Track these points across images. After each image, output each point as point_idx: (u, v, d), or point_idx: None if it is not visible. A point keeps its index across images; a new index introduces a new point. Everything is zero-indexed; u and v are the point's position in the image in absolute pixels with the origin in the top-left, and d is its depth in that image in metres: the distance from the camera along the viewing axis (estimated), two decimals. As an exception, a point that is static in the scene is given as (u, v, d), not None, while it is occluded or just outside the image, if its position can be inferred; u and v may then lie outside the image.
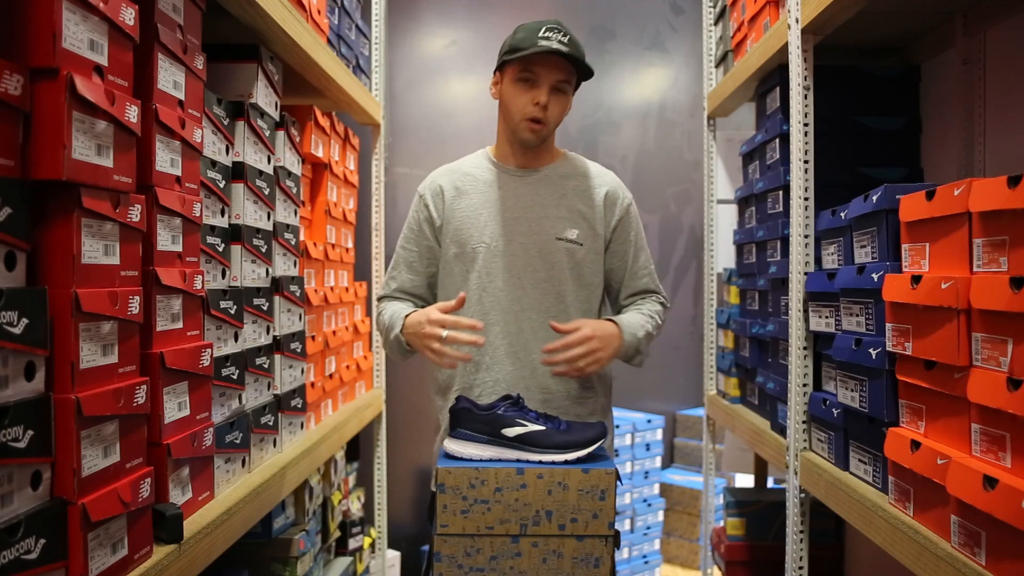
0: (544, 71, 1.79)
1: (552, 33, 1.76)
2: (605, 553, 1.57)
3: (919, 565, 1.30)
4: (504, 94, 1.85)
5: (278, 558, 2.15)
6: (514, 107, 1.83)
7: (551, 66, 1.78)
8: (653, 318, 1.91)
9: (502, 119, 1.91)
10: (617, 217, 1.93)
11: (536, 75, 1.79)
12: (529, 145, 1.87)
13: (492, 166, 1.95)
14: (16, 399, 0.94)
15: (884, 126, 2.21)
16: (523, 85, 1.81)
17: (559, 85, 1.81)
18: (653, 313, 1.92)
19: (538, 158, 1.93)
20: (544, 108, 1.80)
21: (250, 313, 1.71)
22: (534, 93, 1.80)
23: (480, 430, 1.63)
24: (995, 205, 1.14)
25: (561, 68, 1.79)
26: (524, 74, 1.80)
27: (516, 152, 1.92)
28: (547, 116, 1.81)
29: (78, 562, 1.03)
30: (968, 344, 1.20)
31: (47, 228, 1.04)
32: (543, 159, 1.94)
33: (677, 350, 4.01)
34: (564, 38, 1.77)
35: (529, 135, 1.84)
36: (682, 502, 3.90)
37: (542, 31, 1.76)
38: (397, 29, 3.87)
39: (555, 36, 1.76)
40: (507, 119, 1.87)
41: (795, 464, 1.90)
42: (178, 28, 1.37)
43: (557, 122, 1.86)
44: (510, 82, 1.83)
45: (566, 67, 1.79)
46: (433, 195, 1.95)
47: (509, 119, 1.86)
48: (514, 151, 1.92)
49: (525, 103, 1.81)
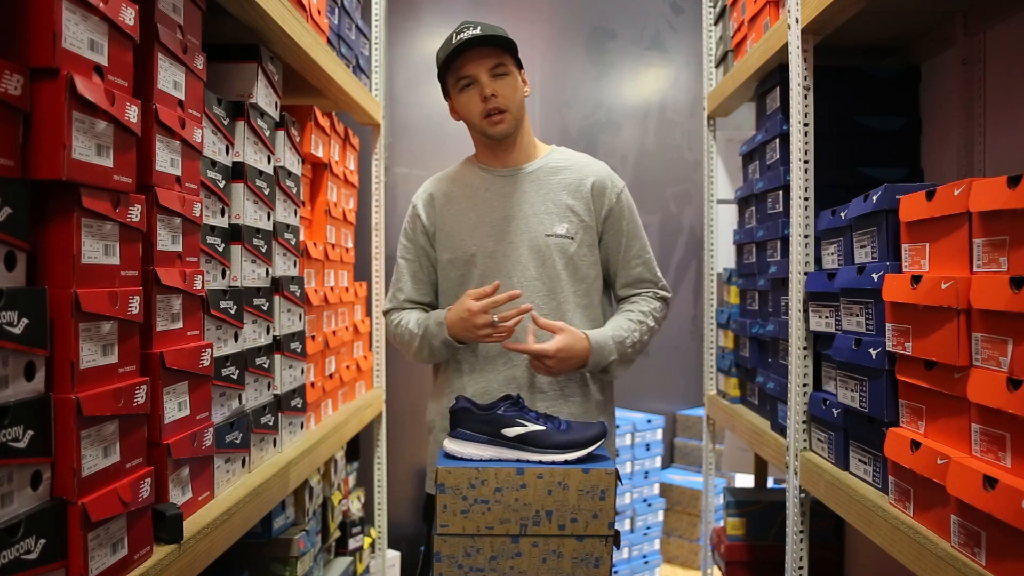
0: (475, 67, 1.81)
1: (463, 32, 1.80)
2: (605, 553, 1.57)
3: (919, 565, 1.30)
4: (458, 109, 1.89)
5: (278, 558, 2.15)
6: (469, 113, 1.86)
7: (478, 59, 1.81)
8: (644, 323, 1.88)
9: (471, 131, 1.94)
10: (607, 207, 1.92)
11: (471, 74, 1.82)
12: (501, 137, 1.87)
13: (478, 170, 1.96)
14: (16, 399, 0.94)
15: (884, 126, 2.21)
16: (467, 91, 1.84)
17: (496, 70, 1.82)
18: (646, 316, 1.90)
19: (521, 154, 1.93)
20: (493, 96, 1.81)
21: (250, 313, 1.71)
22: (478, 90, 1.82)
23: (480, 430, 1.63)
24: (995, 205, 1.14)
25: (488, 55, 1.81)
26: (462, 81, 1.83)
27: (497, 153, 1.93)
28: (501, 102, 1.82)
29: (78, 562, 1.03)
30: (968, 344, 1.20)
31: (47, 228, 1.04)
32: (527, 155, 1.94)
33: (677, 350, 4.01)
34: (475, 29, 1.80)
35: (495, 128, 1.85)
36: (682, 502, 3.90)
37: (454, 37, 1.81)
38: (397, 29, 3.87)
39: (466, 32, 1.80)
40: (472, 127, 1.91)
41: (795, 464, 1.90)
42: (178, 28, 1.37)
43: (517, 104, 1.86)
44: (456, 95, 1.87)
45: (493, 52, 1.82)
46: (425, 204, 1.96)
47: (473, 126, 1.90)
48: (495, 153, 1.93)
49: (476, 104, 1.84)
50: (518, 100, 1.86)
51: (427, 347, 1.85)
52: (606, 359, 1.81)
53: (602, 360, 1.81)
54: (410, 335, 1.88)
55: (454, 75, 1.84)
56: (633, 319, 1.88)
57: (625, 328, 1.85)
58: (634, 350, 1.86)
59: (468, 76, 1.82)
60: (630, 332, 1.85)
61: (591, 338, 1.80)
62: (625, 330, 1.85)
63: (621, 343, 1.83)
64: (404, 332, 1.90)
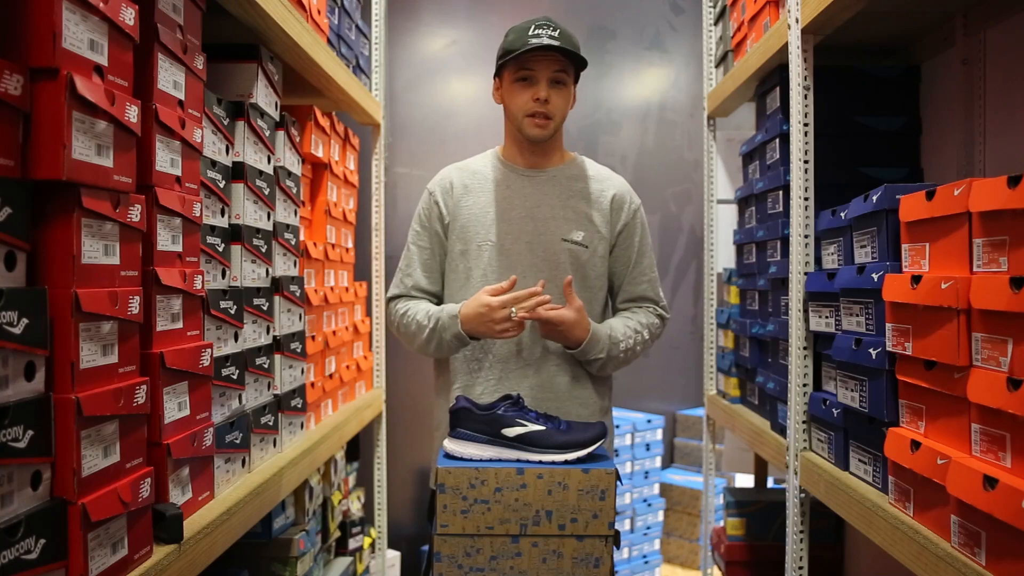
0: (539, 67, 1.82)
1: (542, 30, 1.80)
2: (605, 553, 1.57)
3: (919, 565, 1.30)
4: (505, 96, 1.89)
5: (278, 558, 2.15)
6: (515, 106, 1.85)
7: (545, 61, 1.81)
8: (640, 333, 1.90)
9: (507, 121, 1.93)
10: (623, 221, 1.94)
11: (532, 72, 1.82)
12: (537, 141, 1.88)
13: (501, 165, 1.95)
14: (16, 399, 0.94)
15: (884, 126, 2.21)
16: (521, 84, 1.84)
17: (556, 77, 1.83)
18: (643, 328, 1.91)
19: (546, 158, 1.94)
20: (545, 102, 1.82)
21: (250, 313, 1.71)
22: (533, 90, 1.83)
23: (480, 430, 1.63)
24: (995, 205, 1.14)
25: (555, 61, 1.82)
26: (521, 73, 1.83)
27: (524, 152, 1.93)
28: (550, 109, 1.83)
29: (78, 562, 1.03)
30: (968, 344, 1.20)
31: (47, 228, 1.04)
32: (552, 160, 1.95)
33: (677, 350, 4.01)
34: (554, 32, 1.80)
35: (535, 130, 1.85)
36: (682, 502, 3.90)
37: (532, 29, 1.80)
38: (397, 29, 3.87)
39: (545, 32, 1.79)
40: (511, 119, 1.89)
41: (795, 464, 1.90)
42: (178, 28, 1.37)
43: (562, 115, 1.87)
44: (509, 84, 1.86)
45: (560, 60, 1.82)
46: (443, 192, 1.96)
47: (513, 119, 1.88)
48: (522, 151, 1.93)
49: (525, 100, 1.84)
50: (565, 111, 1.88)
51: (436, 340, 1.84)
52: (595, 352, 1.83)
53: (591, 351, 1.83)
54: (417, 326, 1.87)
55: (517, 64, 1.83)
56: (631, 326, 1.90)
57: (622, 332, 1.88)
58: (624, 356, 1.88)
59: (529, 71, 1.82)
60: (626, 337, 1.88)
61: (592, 329, 1.82)
62: (622, 334, 1.87)
63: (616, 344, 1.86)
64: (411, 322, 1.89)
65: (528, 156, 1.93)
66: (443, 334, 1.82)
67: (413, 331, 1.88)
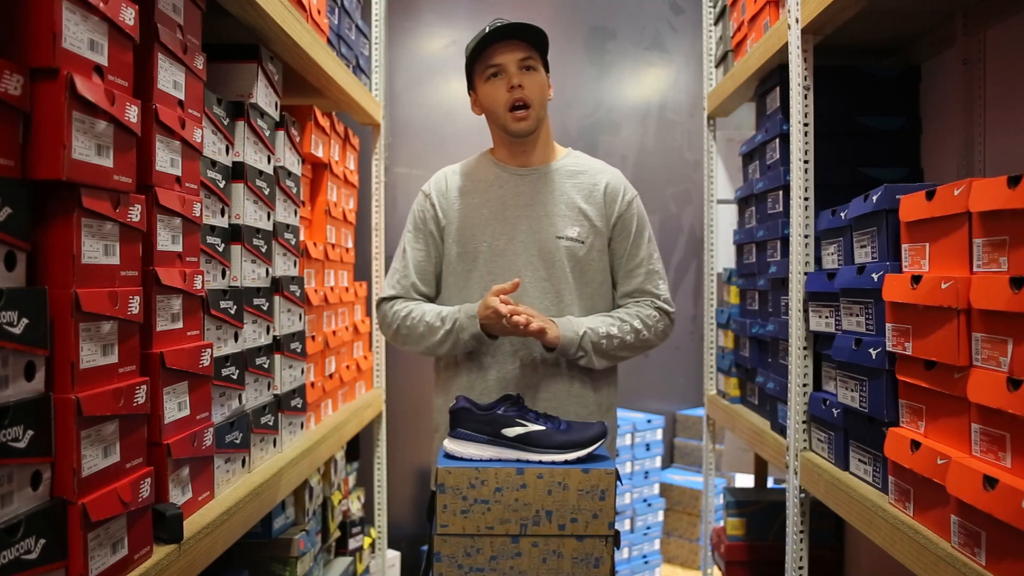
0: (505, 58, 1.83)
1: (497, 23, 1.83)
2: (605, 553, 1.57)
3: (919, 565, 1.30)
4: (483, 100, 1.90)
5: (278, 558, 2.15)
6: (494, 104, 1.86)
7: (509, 51, 1.83)
8: (627, 322, 1.86)
9: (491, 125, 1.94)
10: (617, 213, 1.92)
11: (500, 65, 1.84)
12: (523, 135, 1.87)
13: (493, 166, 1.95)
14: (16, 399, 0.94)
15: (884, 126, 2.21)
16: (493, 81, 1.85)
17: (525, 64, 1.84)
18: (631, 317, 1.87)
19: (537, 155, 1.93)
20: (520, 87, 1.83)
21: (250, 313, 1.71)
22: (505, 80, 1.84)
23: (480, 430, 1.63)
24: (995, 205, 1.14)
25: (519, 48, 1.84)
26: (490, 70, 1.85)
27: (514, 152, 1.93)
28: (526, 95, 1.83)
29: (78, 562, 1.03)
30: (968, 344, 1.20)
31: (47, 228, 1.04)
32: (542, 156, 1.94)
33: (677, 350, 4.01)
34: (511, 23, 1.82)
35: (518, 124, 1.85)
36: (682, 502, 3.90)
37: (487, 29, 1.83)
38: (397, 29, 3.87)
39: (499, 23, 1.82)
40: (495, 121, 1.90)
41: (795, 464, 1.90)
42: (178, 28, 1.37)
43: (540, 101, 1.87)
44: (482, 86, 1.88)
45: (524, 46, 1.84)
46: (438, 194, 1.96)
47: (496, 119, 1.89)
48: (513, 151, 1.93)
49: (501, 94, 1.85)
50: (543, 98, 1.88)
51: (452, 340, 1.83)
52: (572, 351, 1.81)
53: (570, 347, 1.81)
54: (427, 327, 1.85)
55: (482, 64, 1.85)
56: (615, 316, 1.88)
57: (600, 323, 1.85)
58: (610, 344, 1.84)
59: (496, 65, 1.83)
60: (608, 326, 1.84)
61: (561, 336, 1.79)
62: (600, 324, 1.84)
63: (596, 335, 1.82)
64: (418, 323, 1.87)
65: (519, 156, 1.93)
66: (461, 334, 1.81)
67: (421, 332, 1.87)
